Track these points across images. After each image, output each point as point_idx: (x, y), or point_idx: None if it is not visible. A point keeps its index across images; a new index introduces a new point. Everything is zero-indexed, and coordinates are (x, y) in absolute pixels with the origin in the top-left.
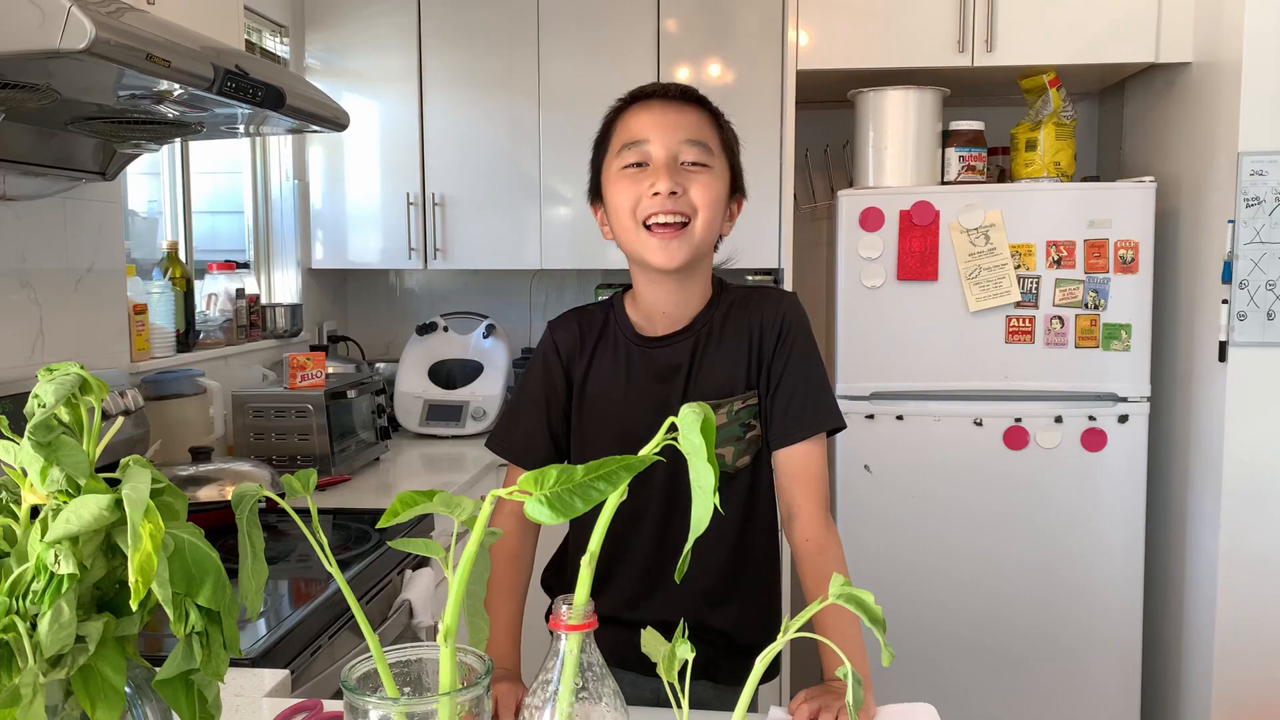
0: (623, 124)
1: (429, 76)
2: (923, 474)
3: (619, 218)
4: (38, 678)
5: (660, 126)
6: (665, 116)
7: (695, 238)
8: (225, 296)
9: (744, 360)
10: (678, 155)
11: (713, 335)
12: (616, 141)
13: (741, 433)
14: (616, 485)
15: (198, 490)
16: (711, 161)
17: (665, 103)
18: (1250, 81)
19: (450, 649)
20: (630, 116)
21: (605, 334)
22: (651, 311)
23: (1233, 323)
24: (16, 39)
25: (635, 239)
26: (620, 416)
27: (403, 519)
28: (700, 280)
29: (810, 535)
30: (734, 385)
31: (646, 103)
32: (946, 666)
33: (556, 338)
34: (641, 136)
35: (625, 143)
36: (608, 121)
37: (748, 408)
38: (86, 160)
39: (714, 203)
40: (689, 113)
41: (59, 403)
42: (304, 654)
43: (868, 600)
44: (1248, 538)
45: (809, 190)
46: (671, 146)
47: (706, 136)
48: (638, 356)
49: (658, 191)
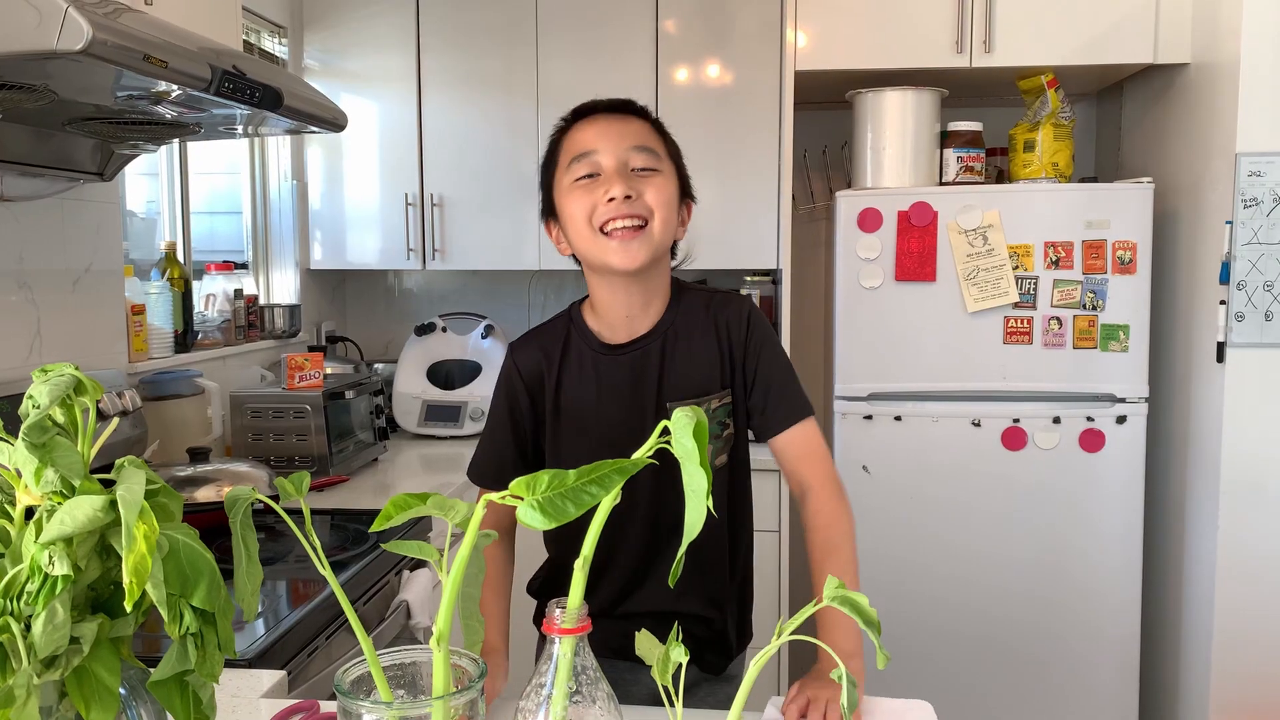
0: (569, 140)
1: (427, 77)
2: (921, 475)
3: (576, 228)
4: (32, 679)
5: (606, 136)
6: (610, 127)
7: (654, 238)
8: (223, 297)
9: (716, 360)
10: (627, 162)
11: (679, 336)
12: (565, 157)
13: (719, 431)
14: (609, 489)
15: (196, 491)
16: (660, 166)
17: (608, 115)
18: (1248, 82)
19: (444, 652)
20: (576, 132)
21: (569, 348)
22: (614, 318)
23: (1230, 323)
24: (13, 40)
25: (594, 245)
26: (596, 425)
27: (396, 522)
28: (660, 282)
29: (821, 508)
30: (710, 385)
31: (590, 118)
32: (945, 666)
33: (517, 360)
34: (590, 148)
35: (574, 156)
36: (554, 141)
37: (724, 406)
38: (84, 161)
39: (668, 203)
40: (632, 122)
41: (53, 403)
42: (300, 655)
43: (862, 603)
44: (1245, 537)
45: (807, 191)
46: (620, 154)
47: (652, 143)
48: (606, 364)
49: (613, 197)
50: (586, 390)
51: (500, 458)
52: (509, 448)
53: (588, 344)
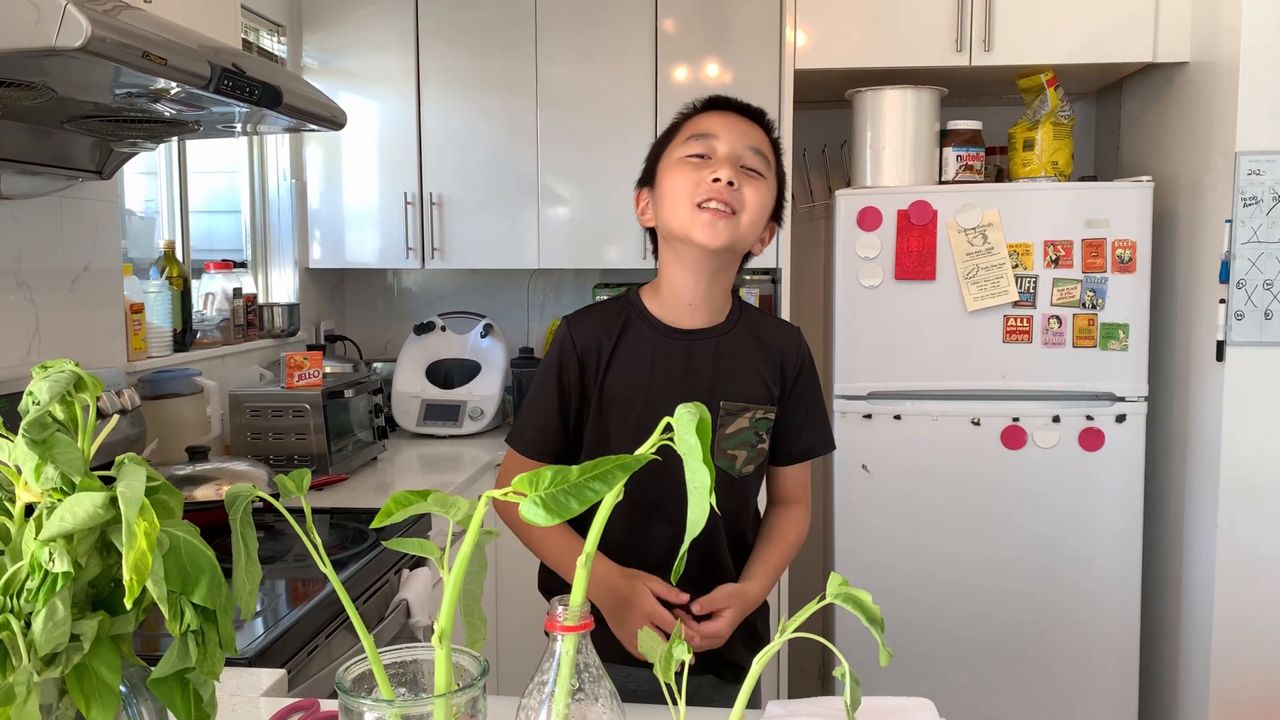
0: (694, 121)
1: (426, 76)
2: (920, 474)
3: (672, 200)
4: (32, 676)
5: (730, 129)
6: (737, 123)
7: (740, 228)
8: (222, 296)
9: (768, 378)
10: (740, 157)
11: (736, 342)
12: (685, 133)
13: (755, 440)
14: (612, 485)
15: (194, 490)
16: (766, 174)
17: (738, 113)
18: (1247, 81)
19: (445, 650)
20: (703, 116)
21: (628, 327)
22: (678, 302)
23: (1230, 322)
24: (12, 36)
25: (685, 216)
26: (644, 406)
27: (397, 519)
28: (727, 277)
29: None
30: (759, 396)
31: (721, 109)
32: (944, 665)
33: (574, 333)
34: (711, 131)
35: (694, 134)
36: (678, 119)
37: (765, 419)
38: (83, 159)
39: (762, 206)
40: (757, 128)
41: (53, 400)
42: (300, 653)
43: (865, 600)
44: (1245, 536)
45: (807, 190)
46: (736, 147)
47: (767, 152)
48: (664, 346)
49: (718, 178)
50: (640, 367)
51: (543, 425)
52: (553, 418)
53: (647, 324)
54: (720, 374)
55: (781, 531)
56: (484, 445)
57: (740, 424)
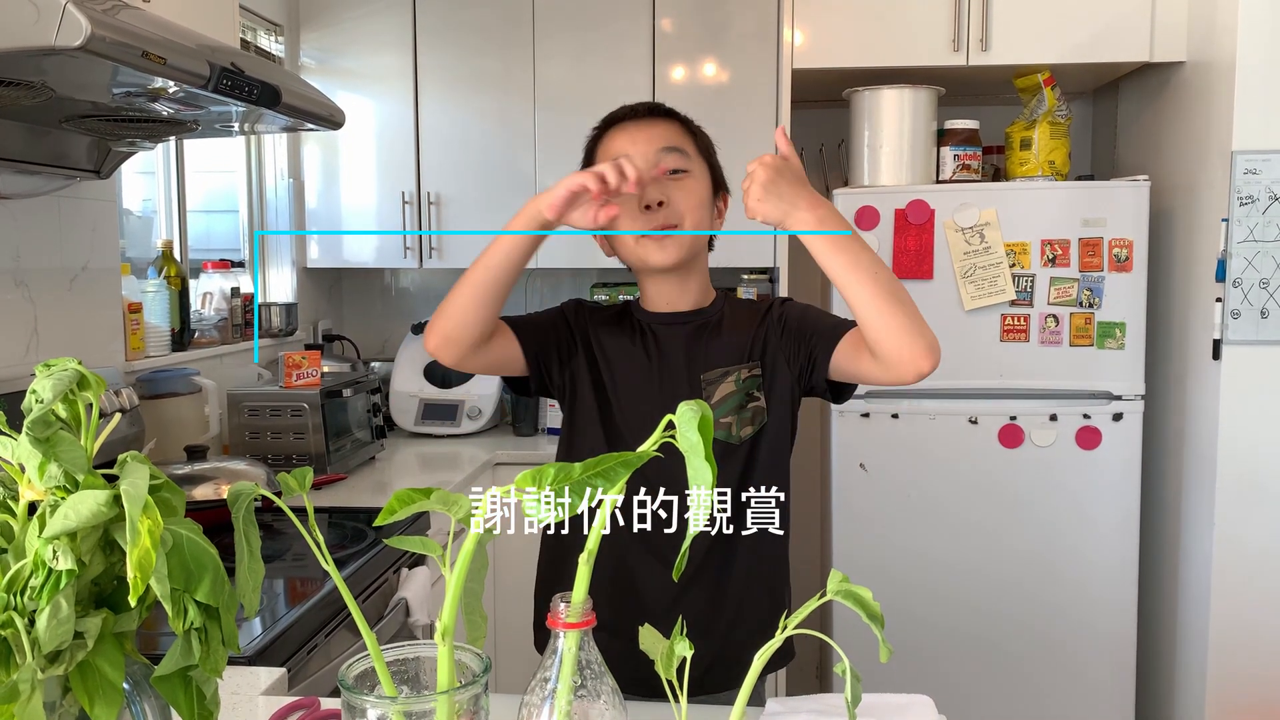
0: (602, 148)
1: (424, 76)
2: (918, 472)
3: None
4: (35, 674)
5: (637, 139)
6: (640, 132)
7: (688, 238)
8: (220, 295)
9: (748, 335)
10: (657, 163)
11: (721, 323)
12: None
13: (745, 401)
14: (614, 482)
15: (193, 489)
16: (690, 165)
17: (636, 120)
18: (1244, 81)
19: (448, 647)
20: (608, 139)
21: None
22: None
23: (1226, 321)
24: (11, 36)
25: (634, 248)
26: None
27: (400, 517)
28: (699, 276)
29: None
30: (738, 357)
31: (620, 124)
32: (943, 662)
33: (566, 308)
34: (620, 153)
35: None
36: (588, 149)
37: (752, 377)
38: (81, 158)
39: (699, 201)
40: (660, 125)
41: (57, 398)
42: (300, 652)
43: (865, 596)
44: (1242, 534)
45: None
46: (651, 157)
47: (681, 142)
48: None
49: (648, 205)
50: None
51: (532, 320)
52: (540, 327)
53: (637, 314)
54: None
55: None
56: (482, 444)
57: (726, 389)
